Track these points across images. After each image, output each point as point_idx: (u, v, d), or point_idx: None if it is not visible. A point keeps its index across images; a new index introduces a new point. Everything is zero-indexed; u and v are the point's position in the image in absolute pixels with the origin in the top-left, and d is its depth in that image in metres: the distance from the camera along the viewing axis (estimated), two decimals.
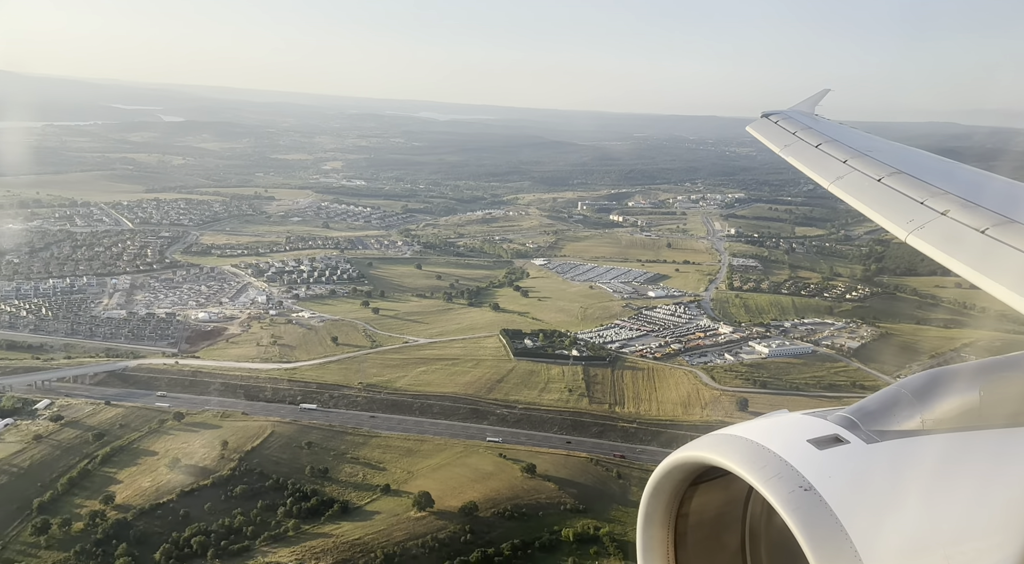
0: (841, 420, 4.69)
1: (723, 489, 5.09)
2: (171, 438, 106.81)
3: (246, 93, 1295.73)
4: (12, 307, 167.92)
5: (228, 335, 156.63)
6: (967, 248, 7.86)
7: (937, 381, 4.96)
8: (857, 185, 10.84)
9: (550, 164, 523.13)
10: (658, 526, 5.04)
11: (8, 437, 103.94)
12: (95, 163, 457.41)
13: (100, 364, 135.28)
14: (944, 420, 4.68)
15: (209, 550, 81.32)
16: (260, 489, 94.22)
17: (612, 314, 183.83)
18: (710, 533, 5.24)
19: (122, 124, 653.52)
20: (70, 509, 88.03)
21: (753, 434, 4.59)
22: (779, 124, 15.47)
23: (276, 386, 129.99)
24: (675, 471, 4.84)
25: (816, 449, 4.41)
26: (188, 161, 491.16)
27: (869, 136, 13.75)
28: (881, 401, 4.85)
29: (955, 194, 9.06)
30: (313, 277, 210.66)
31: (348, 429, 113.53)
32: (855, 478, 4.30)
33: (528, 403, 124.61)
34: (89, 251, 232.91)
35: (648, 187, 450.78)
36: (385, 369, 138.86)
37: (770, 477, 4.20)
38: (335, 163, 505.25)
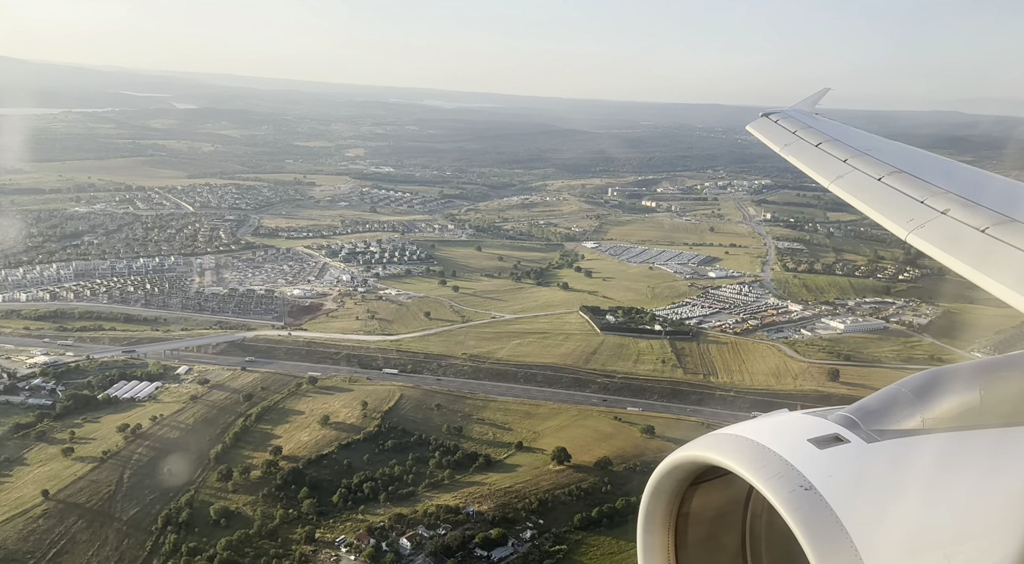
0: (841, 419, 4.71)
1: (724, 489, 5.09)
2: (311, 400, 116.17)
3: (250, 81, 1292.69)
4: (116, 283, 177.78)
5: (326, 310, 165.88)
6: (967, 247, 7.83)
7: (937, 380, 4.98)
8: (857, 184, 10.82)
9: (568, 152, 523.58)
10: (659, 526, 5.04)
11: (164, 398, 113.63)
12: (128, 149, 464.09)
13: (221, 335, 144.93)
14: (944, 419, 4.67)
15: (380, 494, 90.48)
16: (407, 444, 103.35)
17: (680, 293, 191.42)
18: (711, 532, 5.24)
19: (139, 111, 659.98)
20: (241, 460, 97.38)
21: (753, 433, 4.61)
22: (779, 123, 15.51)
23: (387, 356, 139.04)
24: (676, 471, 4.85)
25: (816, 448, 4.42)
26: (217, 148, 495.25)
27: (869, 135, 13.81)
28: (881, 400, 4.87)
29: (955, 193, 9.04)
30: (385, 258, 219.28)
31: (466, 394, 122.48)
32: (855, 477, 4.33)
33: (626, 373, 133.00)
34: (162, 233, 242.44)
35: (672, 174, 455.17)
36: (483, 341, 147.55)
37: (770, 477, 4.21)
38: (357, 150, 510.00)
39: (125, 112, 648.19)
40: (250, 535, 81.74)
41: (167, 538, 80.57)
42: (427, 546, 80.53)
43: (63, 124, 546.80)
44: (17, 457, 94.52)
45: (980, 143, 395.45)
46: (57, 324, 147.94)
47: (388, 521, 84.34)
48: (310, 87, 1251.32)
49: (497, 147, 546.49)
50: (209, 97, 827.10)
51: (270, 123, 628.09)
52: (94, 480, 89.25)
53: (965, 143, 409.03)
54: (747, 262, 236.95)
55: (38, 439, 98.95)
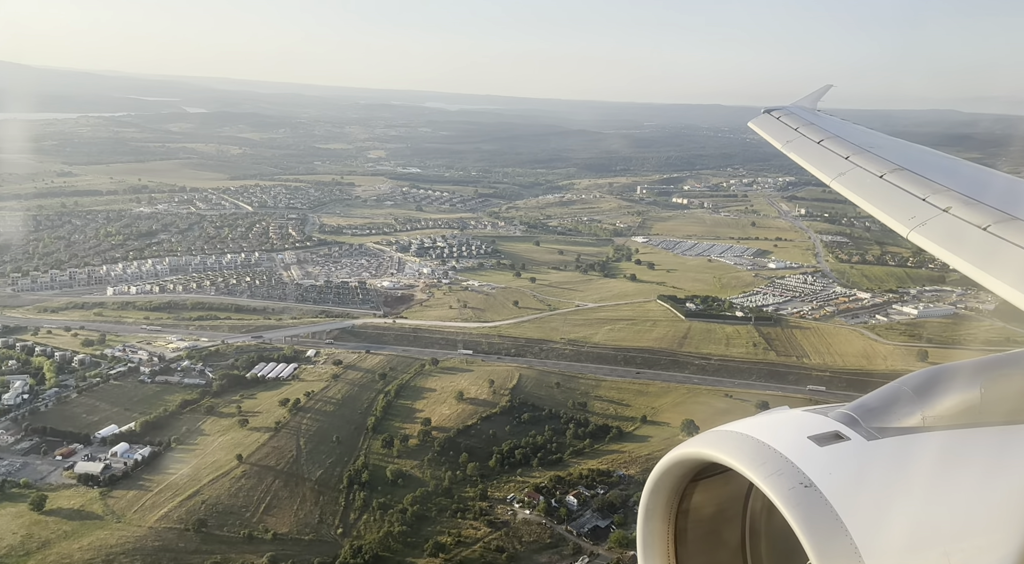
0: (842, 417, 4.72)
1: (723, 485, 5.12)
2: (436, 379, 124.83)
3: (250, 84, 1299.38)
4: (215, 277, 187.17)
5: (418, 300, 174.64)
6: (969, 245, 7.82)
7: (938, 378, 4.99)
8: (859, 181, 10.81)
9: (583, 151, 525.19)
10: (659, 522, 5.07)
11: (305, 377, 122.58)
12: (161, 152, 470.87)
13: (330, 323, 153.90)
14: (945, 417, 4.68)
15: (532, 460, 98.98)
16: (540, 417, 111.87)
17: (747, 283, 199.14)
18: (710, 529, 5.26)
19: (153, 115, 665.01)
20: (395, 430, 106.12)
21: (754, 430, 4.66)
22: (781, 120, 15.48)
23: (489, 340, 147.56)
24: (676, 467, 4.88)
25: (817, 446, 4.44)
26: (244, 151, 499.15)
27: (871, 132, 13.81)
28: (882, 398, 4.90)
29: (957, 191, 9.02)
30: (454, 252, 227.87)
31: (577, 374, 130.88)
32: (855, 475, 4.35)
33: (720, 355, 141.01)
34: (233, 231, 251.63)
35: (695, 172, 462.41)
36: (576, 328, 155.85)
37: (770, 473, 4.23)
38: (378, 152, 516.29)
39: (141, 116, 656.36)
40: (428, 493, 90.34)
41: (356, 495, 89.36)
42: (591, 503, 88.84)
43: (87, 128, 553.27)
44: (195, 428, 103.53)
45: (986, 140, 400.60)
46: (173, 314, 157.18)
47: (549, 482, 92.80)
48: (310, 90, 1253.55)
49: (513, 148, 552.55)
50: (216, 101, 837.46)
51: (285, 126, 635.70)
52: (276, 446, 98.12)
53: (970, 140, 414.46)
54: (798, 254, 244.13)
55: (207, 413, 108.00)
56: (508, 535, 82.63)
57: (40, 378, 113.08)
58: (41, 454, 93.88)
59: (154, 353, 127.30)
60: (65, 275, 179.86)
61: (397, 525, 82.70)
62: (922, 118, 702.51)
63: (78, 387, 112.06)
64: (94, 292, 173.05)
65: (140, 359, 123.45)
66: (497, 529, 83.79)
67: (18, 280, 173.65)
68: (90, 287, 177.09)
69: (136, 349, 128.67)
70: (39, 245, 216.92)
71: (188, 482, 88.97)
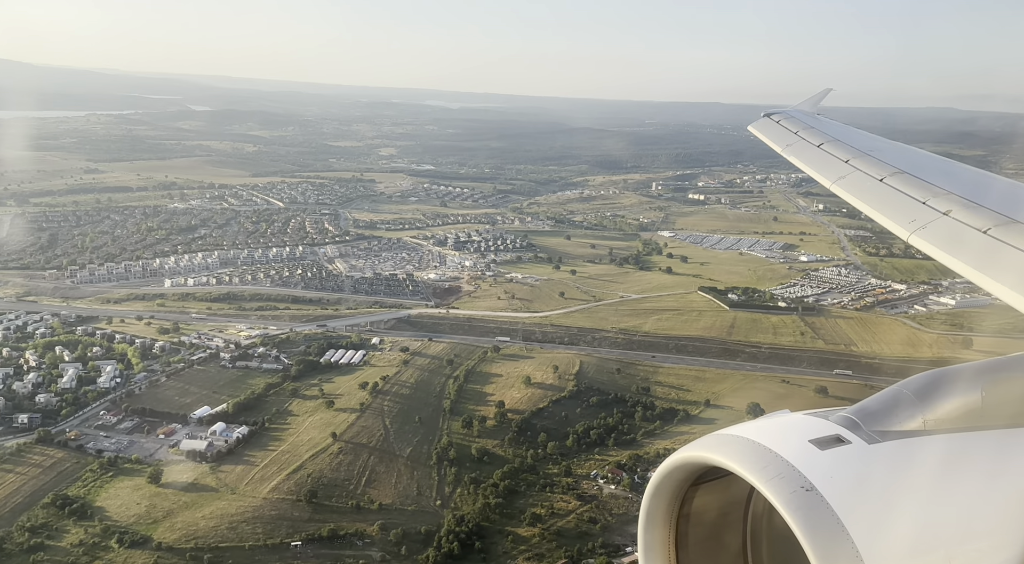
0: (842, 420, 4.74)
1: (724, 489, 5.12)
2: (500, 365, 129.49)
3: (248, 82, 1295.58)
4: (271, 269, 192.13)
5: (465, 291, 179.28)
6: (969, 248, 7.82)
7: (939, 381, 4.99)
8: (859, 185, 10.83)
9: (591, 149, 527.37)
10: (659, 526, 5.06)
11: (375, 363, 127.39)
12: (178, 150, 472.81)
13: (386, 313, 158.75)
14: (946, 420, 4.69)
15: (607, 440, 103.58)
16: (607, 400, 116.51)
17: (782, 275, 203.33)
18: (711, 533, 5.27)
19: (161, 113, 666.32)
20: (470, 411, 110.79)
21: (754, 434, 4.63)
22: (781, 123, 15.53)
23: (543, 329, 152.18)
24: (676, 471, 4.87)
25: (818, 449, 4.44)
26: (259, 148, 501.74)
27: (871, 136, 13.83)
28: (883, 401, 4.92)
29: (957, 194, 9.03)
30: (490, 246, 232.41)
31: (634, 361, 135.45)
32: (857, 478, 4.35)
33: (770, 344, 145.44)
34: (270, 226, 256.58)
35: (707, 169, 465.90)
36: (624, 317, 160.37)
37: (771, 477, 4.22)
38: (389, 149, 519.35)
39: (148, 114, 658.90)
40: (514, 469, 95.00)
41: (447, 470, 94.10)
42: None
43: (99, 126, 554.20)
44: (284, 410, 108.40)
45: (988, 138, 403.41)
46: (233, 305, 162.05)
47: (628, 460, 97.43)
48: (310, 88, 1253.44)
49: (521, 145, 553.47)
50: (219, 99, 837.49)
51: (293, 124, 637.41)
52: (364, 426, 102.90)
53: (973, 138, 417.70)
54: (825, 248, 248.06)
55: (291, 395, 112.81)
56: (598, 507, 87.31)
57: (127, 363, 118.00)
58: (144, 433, 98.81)
59: (229, 340, 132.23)
60: (120, 268, 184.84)
61: (492, 497, 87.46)
62: (921, 116, 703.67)
63: (165, 371, 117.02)
64: (150, 284, 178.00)
65: (217, 346, 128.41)
66: (586, 502, 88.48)
67: (76, 272, 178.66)
68: (145, 279, 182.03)
69: (211, 337, 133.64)
70: (85, 239, 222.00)
71: (290, 458, 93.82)
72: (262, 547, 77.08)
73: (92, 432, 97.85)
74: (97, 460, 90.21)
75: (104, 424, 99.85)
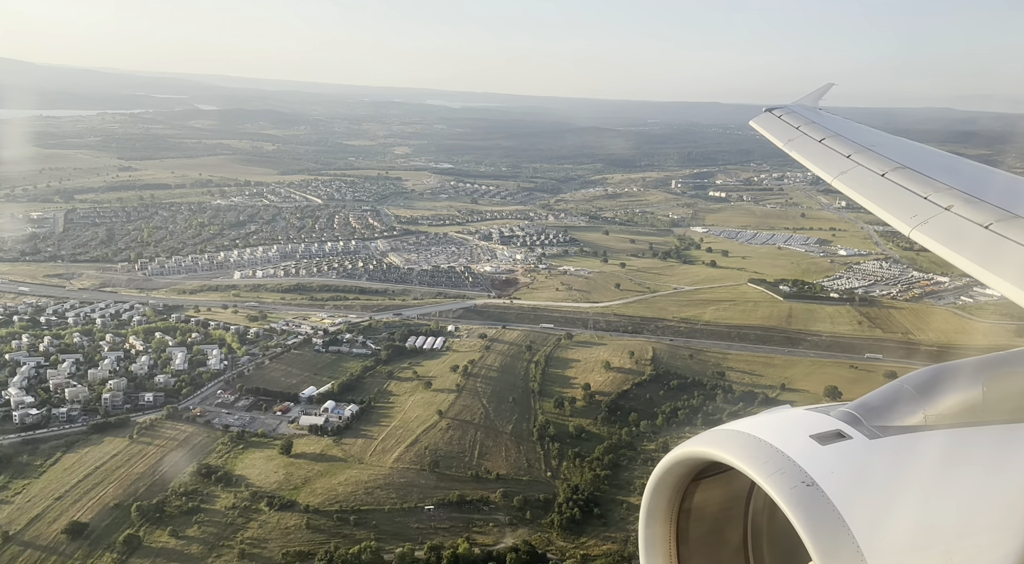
0: (843, 416, 4.74)
1: (725, 485, 5.14)
2: (576, 351, 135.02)
3: (253, 82, 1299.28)
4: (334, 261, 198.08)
5: (522, 283, 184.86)
6: (970, 243, 7.82)
7: (939, 377, 5.00)
8: (861, 180, 10.82)
9: (603, 148, 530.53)
10: (660, 521, 5.09)
11: (457, 348, 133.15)
12: (200, 148, 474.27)
13: (453, 303, 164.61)
14: (946, 415, 4.70)
15: (695, 419, 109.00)
16: (686, 384, 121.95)
17: (825, 268, 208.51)
18: (712, 528, 5.28)
19: (174, 113, 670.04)
20: (557, 393, 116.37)
21: (755, 430, 4.64)
22: (783, 118, 15.53)
23: (607, 319, 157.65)
24: (677, 466, 4.90)
25: (818, 444, 4.45)
26: (278, 147, 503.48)
27: (872, 130, 13.85)
28: (883, 397, 4.95)
29: (959, 189, 9.03)
30: (535, 241, 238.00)
31: (702, 348, 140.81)
32: (857, 473, 4.35)
33: (829, 332, 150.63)
34: (315, 221, 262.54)
35: (723, 167, 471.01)
36: (682, 308, 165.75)
37: (772, 472, 4.24)
38: (403, 148, 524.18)
39: (160, 113, 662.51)
40: (613, 445, 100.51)
41: (549, 446, 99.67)
42: None
43: (116, 125, 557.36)
44: (384, 390, 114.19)
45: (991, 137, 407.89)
46: (304, 295, 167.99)
47: None
48: (311, 88, 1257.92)
49: (532, 144, 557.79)
50: (225, 98, 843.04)
51: (304, 123, 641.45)
52: (465, 405, 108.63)
53: (976, 137, 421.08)
54: (858, 243, 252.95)
55: (388, 377, 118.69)
56: None
57: (228, 348, 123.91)
58: (262, 410, 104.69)
59: (316, 327, 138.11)
60: (188, 260, 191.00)
61: (600, 470, 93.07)
62: (921, 116, 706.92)
63: (266, 355, 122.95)
64: (219, 276, 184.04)
65: (307, 332, 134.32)
66: None
67: (147, 265, 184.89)
68: (213, 271, 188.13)
69: (299, 324, 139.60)
70: (142, 234, 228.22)
71: (404, 432, 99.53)
72: (399, 510, 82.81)
73: (214, 409, 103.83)
74: (227, 434, 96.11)
75: (223, 402, 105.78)
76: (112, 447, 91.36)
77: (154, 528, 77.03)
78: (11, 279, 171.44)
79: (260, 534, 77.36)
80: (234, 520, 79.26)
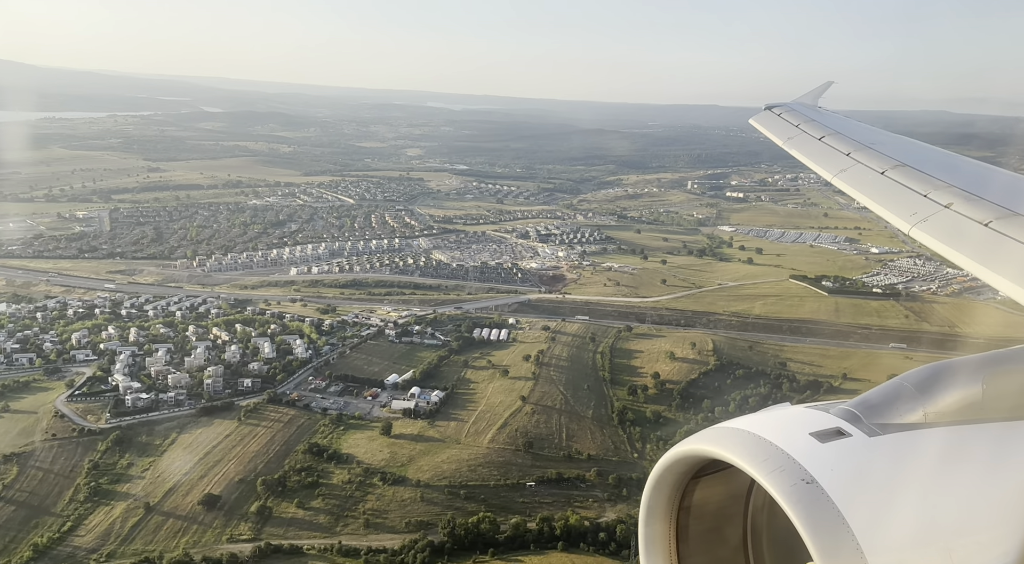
0: (843, 413, 4.74)
1: (725, 482, 5.14)
2: (638, 342, 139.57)
3: (253, 84, 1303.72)
4: (385, 258, 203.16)
5: (569, 279, 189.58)
6: (970, 241, 7.81)
7: (939, 374, 4.99)
8: (860, 178, 10.81)
9: (612, 150, 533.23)
10: (660, 519, 5.09)
11: (523, 339, 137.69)
12: (218, 150, 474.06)
13: (508, 297, 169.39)
14: (946, 413, 4.68)
15: (766, 405, 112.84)
16: (751, 373, 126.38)
17: (860, 265, 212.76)
18: (712, 526, 5.29)
19: (179, 115, 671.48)
20: (627, 382, 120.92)
21: (755, 427, 4.64)
22: (782, 116, 15.57)
23: (659, 312, 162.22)
24: (677, 464, 4.89)
25: (818, 442, 4.44)
26: (294, 149, 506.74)
27: (872, 129, 13.84)
28: (883, 394, 4.91)
29: (958, 187, 9.04)
30: (572, 239, 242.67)
31: (758, 340, 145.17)
32: (857, 471, 4.34)
33: (879, 325, 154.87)
34: (352, 220, 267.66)
35: (734, 168, 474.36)
36: (731, 302, 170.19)
37: (772, 470, 4.24)
38: (415, 150, 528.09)
39: (169, 115, 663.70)
40: (691, 430, 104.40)
41: (631, 429, 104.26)
42: None
43: (131, 126, 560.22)
44: (462, 378, 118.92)
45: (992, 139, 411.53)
46: (361, 290, 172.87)
47: None
48: (311, 90, 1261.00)
49: (541, 146, 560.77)
50: (227, 101, 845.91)
51: (313, 126, 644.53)
52: (544, 391, 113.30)
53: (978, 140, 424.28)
54: (886, 240, 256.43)
55: (464, 366, 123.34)
56: None
57: (308, 339, 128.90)
58: (353, 395, 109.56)
59: (385, 320, 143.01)
60: (243, 257, 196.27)
61: None
62: (918, 119, 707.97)
63: (345, 345, 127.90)
64: (274, 272, 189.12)
65: (377, 324, 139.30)
66: None
67: (204, 261, 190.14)
68: (267, 268, 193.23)
69: (367, 316, 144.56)
70: (189, 232, 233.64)
71: (492, 416, 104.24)
72: (503, 486, 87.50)
73: (309, 394, 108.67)
74: (326, 416, 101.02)
75: (316, 388, 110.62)
76: (223, 428, 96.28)
77: (280, 500, 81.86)
78: (77, 275, 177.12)
79: (379, 506, 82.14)
80: (352, 493, 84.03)
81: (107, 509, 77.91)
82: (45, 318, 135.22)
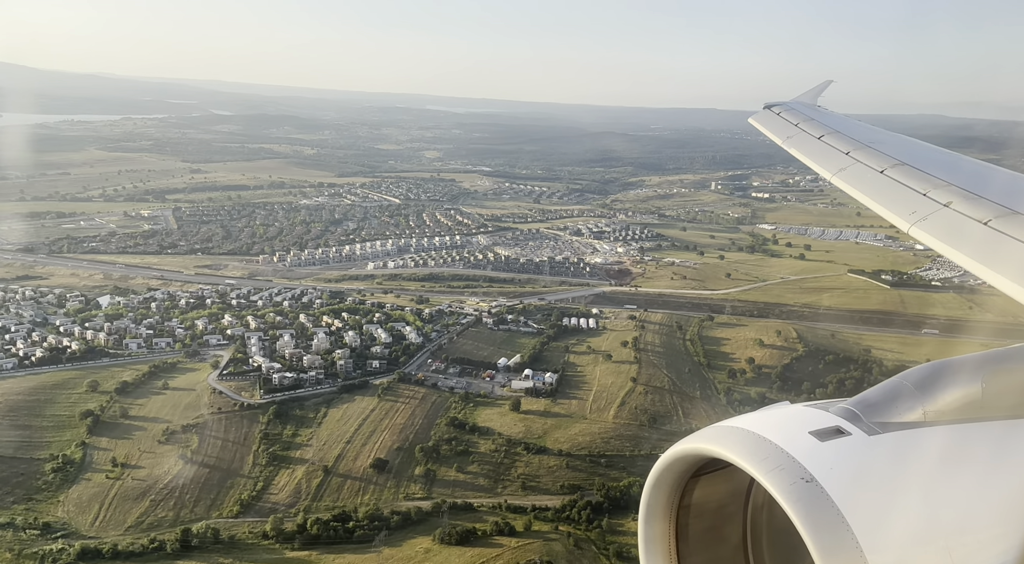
0: (843, 412, 4.73)
1: (725, 481, 5.13)
2: (722, 330, 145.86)
3: (255, 88, 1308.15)
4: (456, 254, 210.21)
5: (635, 273, 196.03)
6: (970, 240, 7.78)
7: (939, 373, 5.00)
8: (859, 177, 10.81)
9: (627, 152, 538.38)
10: (659, 518, 5.07)
11: (611, 327, 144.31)
12: (244, 152, 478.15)
13: (582, 290, 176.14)
14: (946, 412, 4.68)
15: (862, 387, 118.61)
16: (839, 359, 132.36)
17: (910, 260, 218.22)
18: (711, 525, 5.27)
19: (192, 118, 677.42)
20: (724, 366, 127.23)
21: (754, 426, 4.63)
22: (781, 115, 15.60)
23: (732, 304, 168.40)
24: (676, 463, 4.89)
25: (818, 441, 4.44)
26: (318, 151, 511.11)
27: (872, 128, 13.85)
28: (883, 393, 4.92)
29: (958, 186, 9.01)
30: (624, 236, 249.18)
31: (835, 329, 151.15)
32: (857, 470, 4.34)
33: (947, 316, 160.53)
34: (404, 219, 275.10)
35: (753, 169, 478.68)
36: (798, 294, 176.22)
37: (771, 469, 4.23)
38: (432, 152, 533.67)
39: (182, 118, 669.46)
40: None
41: (739, 409, 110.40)
42: None
43: (152, 129, 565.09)
44: (568, 362, 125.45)
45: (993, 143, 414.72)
46: (440, 283, 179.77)
47: None
48: (311, 93, 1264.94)
49: (555, 148, 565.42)
50: (235, 104, 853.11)
51: (328, 128, 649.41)
52: (650, 374, 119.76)
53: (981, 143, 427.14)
54: None
55: (565, 351, 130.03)
56: None
57: (415, 326, 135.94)
58: (472, 376, 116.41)
59: (478, 309, 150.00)
60: (319, 253, 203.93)
61: None
62: (916, 122, 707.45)
63: (449, 331, 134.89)
64: (351, 267, 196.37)
65: (472, 313, 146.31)
66: None
67: (285, 257, 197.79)
68: (343, 263, 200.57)
69: (460, 306, 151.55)
70: (256, 230, 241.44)
71: (608, 395, 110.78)
72: (638, 456, 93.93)
73: (432, 375, 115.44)
74: (453, 394, 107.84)
75: (436, 369, 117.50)
76: (366, 404, 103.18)
77: (439, 465, 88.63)
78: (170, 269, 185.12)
79: (529, 471, 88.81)
80: (501, 461, 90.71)
81: (289, 472, 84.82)
82: (159, 308, 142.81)
